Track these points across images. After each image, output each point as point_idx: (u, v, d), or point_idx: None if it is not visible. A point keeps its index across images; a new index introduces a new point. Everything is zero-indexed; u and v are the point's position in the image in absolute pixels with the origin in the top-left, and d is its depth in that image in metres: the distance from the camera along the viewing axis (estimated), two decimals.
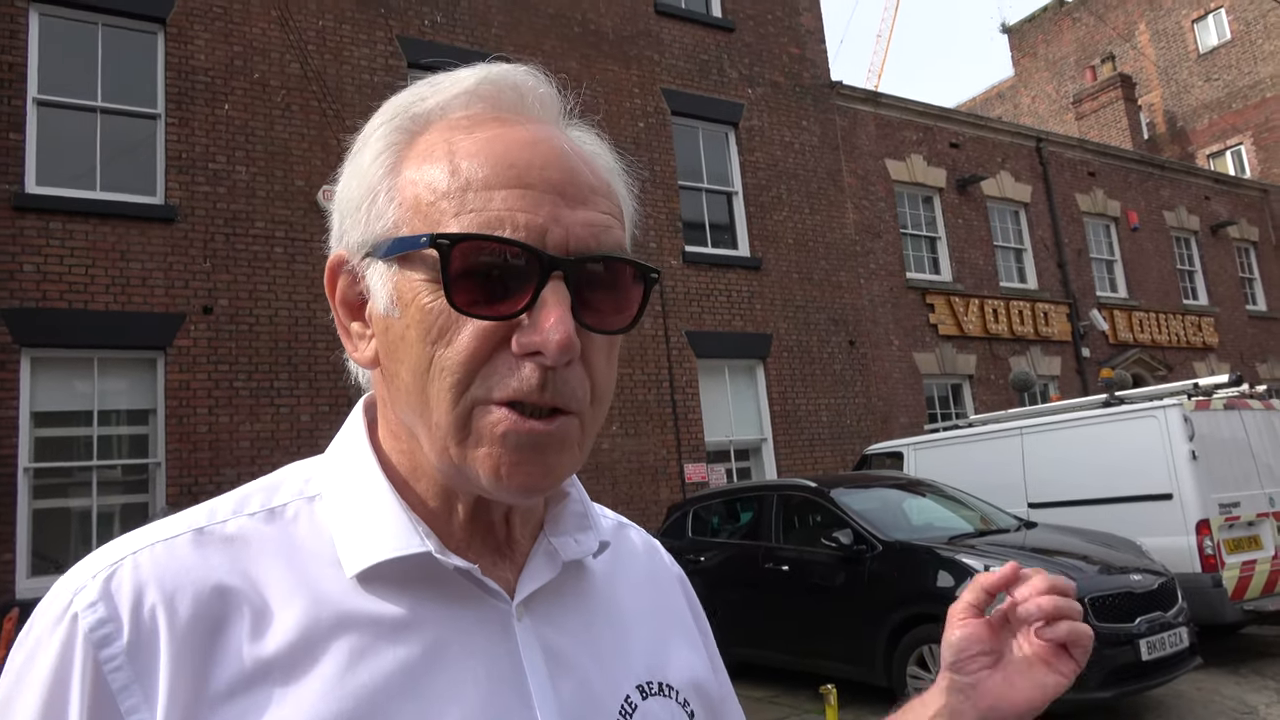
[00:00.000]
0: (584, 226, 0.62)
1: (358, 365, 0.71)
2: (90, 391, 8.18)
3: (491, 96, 0.67)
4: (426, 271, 0.61)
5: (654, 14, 12.14)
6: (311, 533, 0.66)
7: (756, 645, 7.47)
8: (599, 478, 10.31)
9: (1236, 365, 17.84)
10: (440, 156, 0.63)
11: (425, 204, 0.63)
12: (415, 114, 0.67)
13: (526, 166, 0.62)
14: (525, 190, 0.61)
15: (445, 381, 0.60)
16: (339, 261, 0.68)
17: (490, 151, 0.62)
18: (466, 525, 0.68)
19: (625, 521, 0.87)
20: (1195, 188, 19.51)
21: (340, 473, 0.69)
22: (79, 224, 8.21)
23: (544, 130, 0.66)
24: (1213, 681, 6.71)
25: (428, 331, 0.61)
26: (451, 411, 0.60)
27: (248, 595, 0.61)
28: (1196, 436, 7.38)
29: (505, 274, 0.60)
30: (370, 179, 0.66)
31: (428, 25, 10.37)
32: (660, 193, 11.54)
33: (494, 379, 0.60)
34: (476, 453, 0.61)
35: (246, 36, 9.30)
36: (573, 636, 0.70)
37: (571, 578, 0.72)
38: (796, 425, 11.99)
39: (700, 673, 0.79)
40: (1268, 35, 23.93)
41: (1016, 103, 29.55)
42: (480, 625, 0.65)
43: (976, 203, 15.25)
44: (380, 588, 0.63)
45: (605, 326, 0.64)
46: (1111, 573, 6.08)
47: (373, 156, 0.67)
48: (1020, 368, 14.19)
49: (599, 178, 0.67)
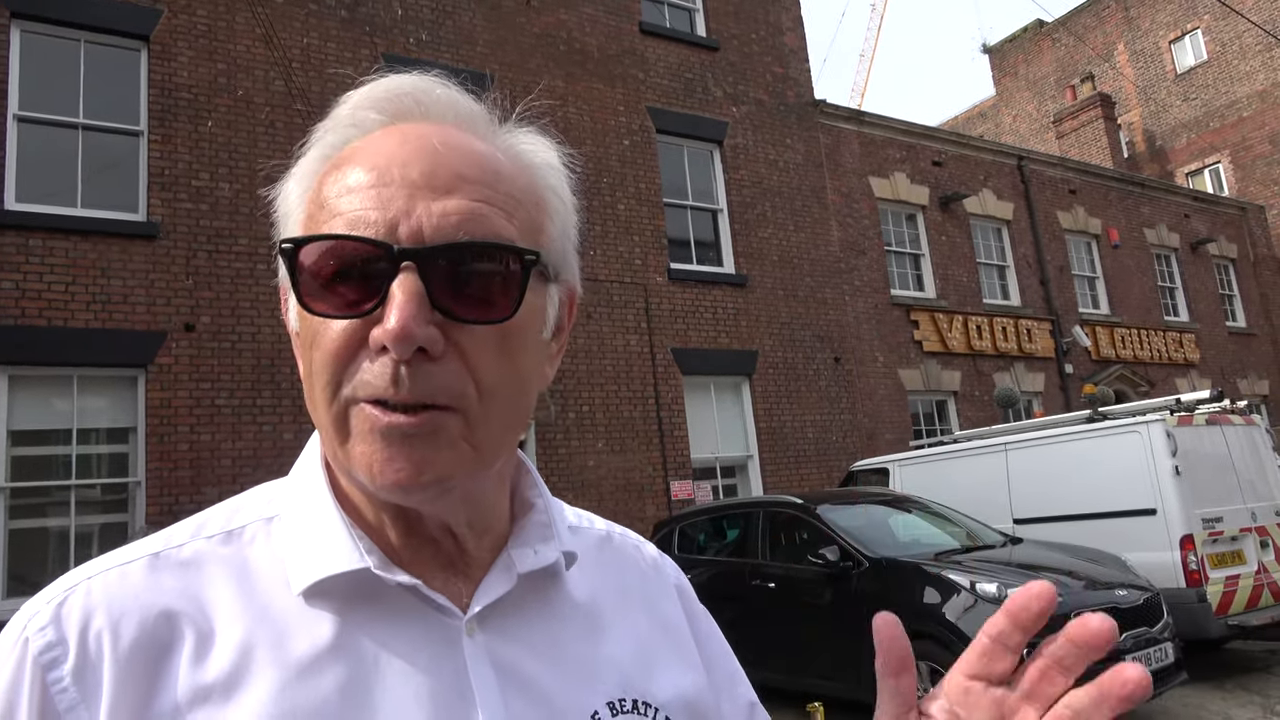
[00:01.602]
0: (442, 216, 0.60)
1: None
2: (69, 410, 8.09)
3: (393, 106, 0.67)
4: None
5: (639, 33, 12.21)
6: (266, 553, 0.66)
7: (743, 663, 7.35)
8: (584, 495, 10.27)
9: (1217, 381, 18.01)
10: (334, 172, 0.64)
11: (309, 217, 0.64)
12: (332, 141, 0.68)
13: (389, 163, 0.61)
14: (382, 188, 0.60)
15: (320, 382, 0.61)
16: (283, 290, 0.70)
17: (365, 156, 0.63)
18: (403, 536, 0.66)
19: (616, 530, 0.84)
20: (1175, 206, 19.75)
21: (297, 492, 0.69)
22: (59, 241, 8.14)
23: (425, 128, 0.65)
24: (1199, 697, 6.72)
25: (309, 337, 0.62)
26: (329, 412, 0.61)
27: (193, 619, 0.61)
28: (1179, 452, 7.42)
29: (358, 273, 0.59)
30: (287, 204, 0.68)
31: (413, 44, 10.39)
32: (645, 210, 11.57)
33: (357, 378, 0.59)
34: (354, 451, 0.60)
35: (230, 54, 9.28)
36: (533, 651, 0.68)
37: (540, 591, 0.70)
38: (782, 442, 11.99)
39: (692, 689, 0.75)
40: (1243, 56, 24.32)
41: (998, 121, 29.87)
42: (426, 642, 0.64)
43: (959, 220, 15.37)
44: (324, 605, 0.63)
45: (474, 316, 0.60)
46: (1097, 588, 6.09)
47: (293, 183, 0.69)
48: (1004, 384, 14.27)
49: (474, 166, 0.63)
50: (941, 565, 6.27)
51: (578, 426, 10.43)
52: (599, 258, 11.03)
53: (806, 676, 6.82)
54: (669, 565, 0.86)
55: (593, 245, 11.02)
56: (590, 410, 10.56)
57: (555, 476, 10.16)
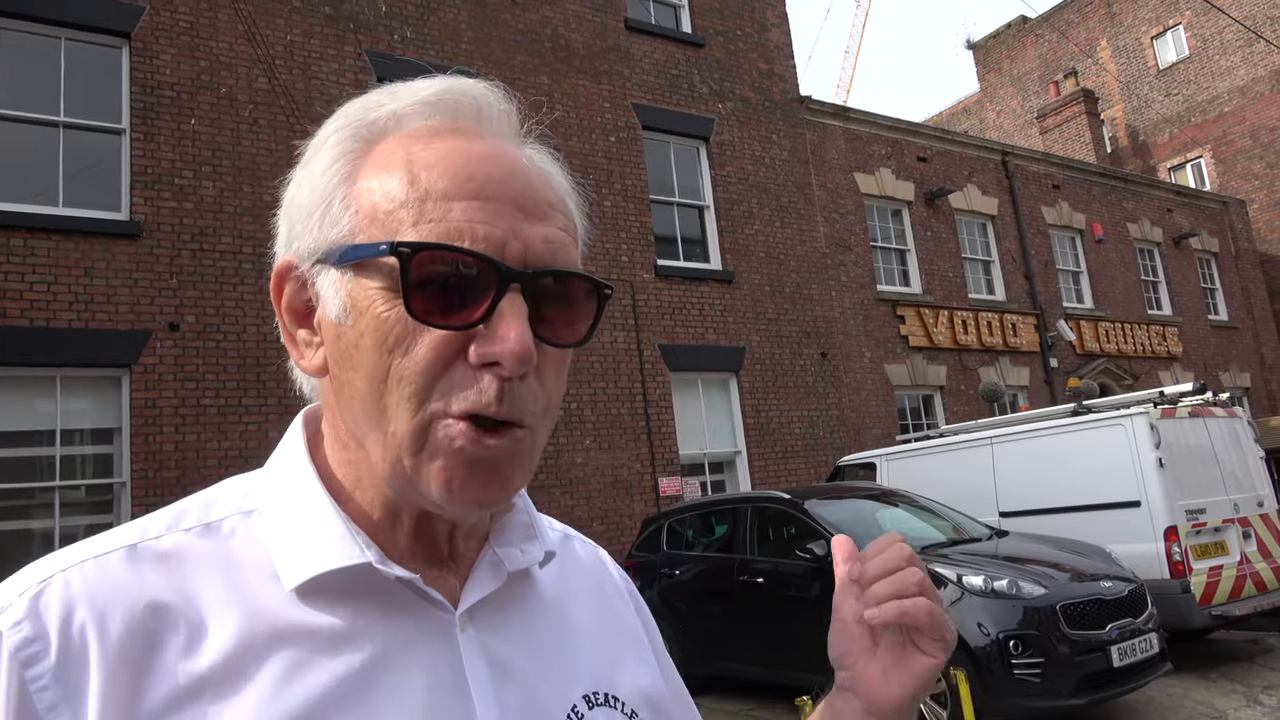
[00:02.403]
0: (542, 242, 0.63)
1: (303, 374, 0.70)
2: (53, 411, 8.02)
3: (450, 109, 0.67)
4: (383, 280, 0.61)
5: (624, 29, 12.19)
6: (249, 547, 0.64)
7: (732, 658, 7.46)
8: (573, 492, 10.27)
9: (1200, 374, 18.16)
10: (398, 166, 0.63)
11: (383, 212, 0.62)
12: (371, 121, 0.66)
13: (486, 179, 0.62)
14: (485, 202, 0.61)
15: (404, 391, 0.60)
16: (287, 267, 0.68)
17: (450, 163, 0.62)
18: (411, 537, 0.67)
19: (572, 533, 0.87)
20: (1157, 200, 19.89)
21: (279, 486, 0.68)
22: (41, 240, 8.07)
23: (502, 145, 0.66)
24: (1183, 687, 6.78)
25: (384, 340, 0.60)
26: (410, 422, 0.60)
27: (183, 611, 0.59)
28: (1163, 444, 7.49)
29: (463, 284, 0.60)
30: (325, 185, 0.65)
31: (397, 40, 10.35)
32: (632, 207, 11.56)
33: (453, 391, 0.60)
34: (431, 466, 0.60)
35: (213, 51, 9.22)
36: (518, 646, 0.69)
37: (517, 588, 0.72)
38: (770, 438, 12.02)
39: (650, 685, 0.78)
40: (1224, 51, 24.50)
41: (982, 117, 29.99)
42: (423, 636, 0.64)
43: (945, 215, 15.43)
44: (319, 600, 0.62)
45: (559, 340, 0.64)
46: (1082, 580, 6.14)
47: (327, 163, 0.66)
48: (989, 378, 14.34)
49: (556, 195, 0.67)
50: (928, 559, 6.30)
51: (565, 424, 10.43)
52: (585, 254, 10.92)
53: (794, 671, 6.84)
54: (621, 571, 0.89)
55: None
56: (578, 407, 10.56)
57: (543, 474, 10.15)
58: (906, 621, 0.71)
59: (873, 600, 0.71)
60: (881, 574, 0.72)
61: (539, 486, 10.08)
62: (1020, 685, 5.57)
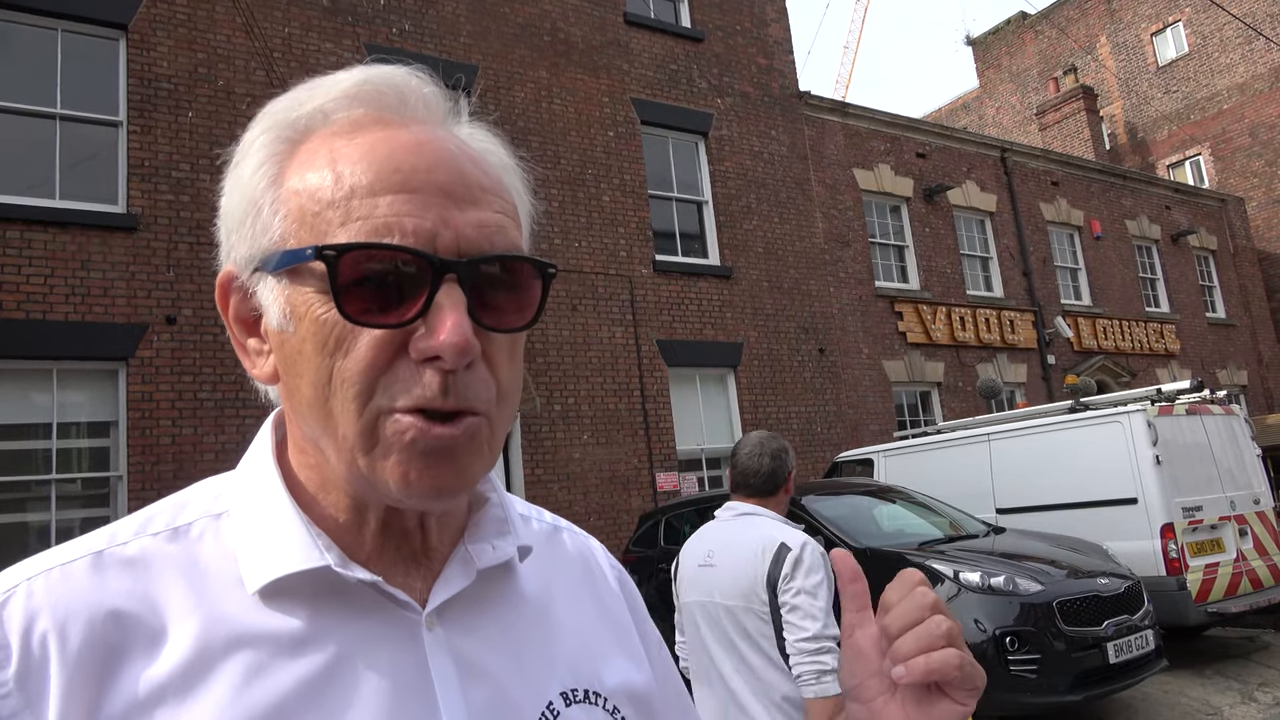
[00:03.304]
0: (475, 228, 0.62)
1: (261, 381, 0.69)
2: (49, 404, 8.01)
3: (372, 99, 0.65)
4: (317, 283, 0.60)
5: (623, 24, 12.16)
6: (216, 551, 0.64)
7: None
8: (570, 487, 10.27)
9: (1197, 371, 18.19)
10: (323, 164, 0.62)
11: (310, 214, 0.61)
12: (294, 120, 0.66)
13: (411, 170, 0.61)
14: (411, 194, 0.60)
15: (348, 393, 0.60)
16: (228, 278, 0.67)
17: (374, 156, 0.62)
18: (379, 535, 0.66)
19: (564, 525, 0.86)
20: (1156, 197, 19.89)
21: (247, 489, 0.68)
22: (37, 233, 8.04)
23: (429, 131, 0.65)
24: (1178, 683, 6.80)
25: (324, 343, 0.60)
26: (357, 422, 0.60)
27: (144, 618, 0.60)
28: (1160, 441, 7.50)
29: (398, 281, 0.59)
30: (252, 191, 0.64)
31: (395, 34, 10.32)
32: (630, 202, 11.55)
33: (396, 387, 0.59)
34: (385, 463, 0.60)
35: (211, 44, 9.19)
36: (490, 644, 0.68)
37: (494, 584, 0.71)
38: None
39: (638, 680, 0.77)
40: (1224, 49, 24.49)
41: (981, 114, 29.98)
42: (387, 637, 0.64)
43: (943, 212, 15.42)
44: (282, 603, 0.62)
45: (505, 325, 0.64)
46: (1079, 577, 6.15)
47: (254, 168, 0.65)
48: (987, 375, 14.35)
49: (490, 176, 0.66)
50: (925, 555, 6.32)
51: (563, 419, 10.42)
52: (584, 249, 11.00)
53: None
54: (615, 565, 0.87)
55: (578, 237, 11.00)
56: (575, 402, 10.56)
57: (541, 469, 10.15)
58: (935, 678, 0.65)
59: (899, 656, 0.66)
60: (905, 627, 0.66)
61: (536, 481, 10.08)
62: (1017, 681, 5.58)
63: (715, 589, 2.62)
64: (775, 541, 2.54)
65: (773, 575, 2.49)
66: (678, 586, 2.83)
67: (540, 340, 10.47)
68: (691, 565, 2.77)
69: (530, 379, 10.28)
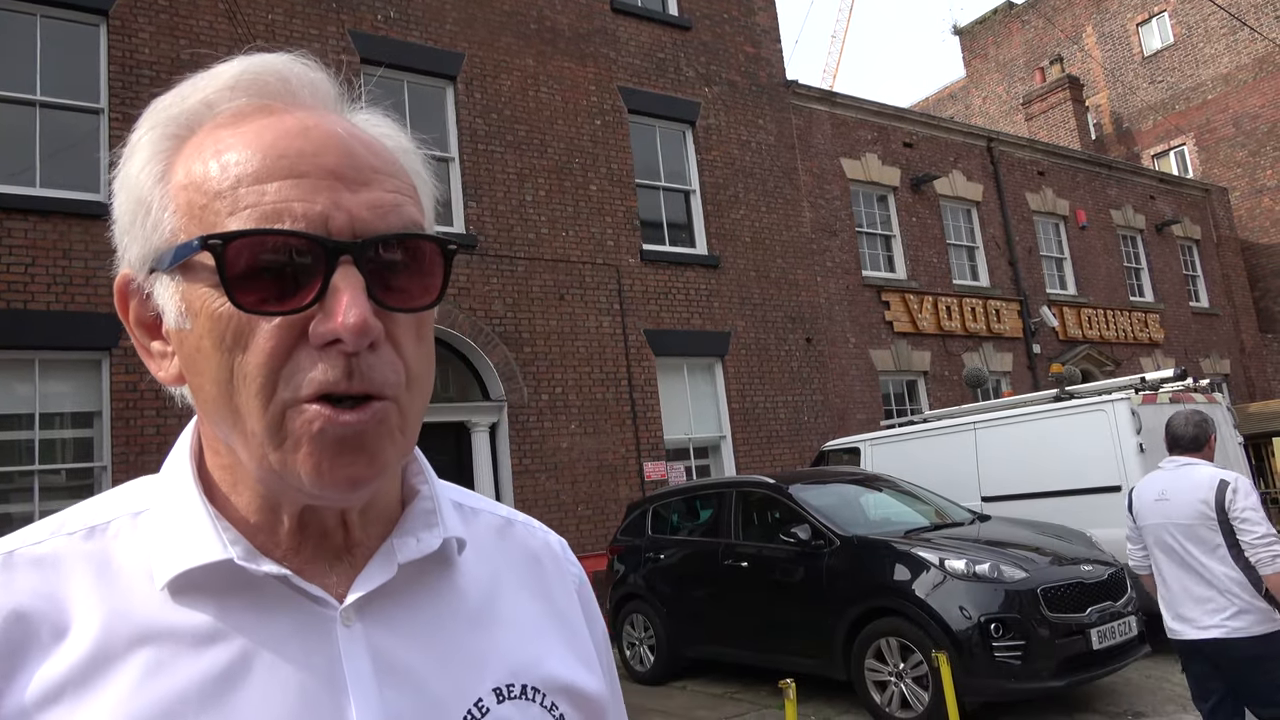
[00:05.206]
0: (368, 208, 0.61)
1: (166, 383, 0.68)
2: (31, 394, 7.94)
3: (255, 87, 0.65)
4: (209, 277, 0.59)
5: (610, 11, 12.11)
6: (131, 548, 0.64)
7: (716, 642, 7.49)
8: (558, 476, 10.27)
9: (1181, 360, 18.33)
10: (209, 155, 0.61)
11: (199, 207, 0.60)
12: (178, 115, 0.65)
13: (298, 154, 0.60)
14: (299, 179, 0.59)
15: (250, 388, 0.58)
16: (125, 281, 0.66)
17: (259, 143, 0.61)
18: (295, 533, 0.65)
19: (518, 518, 0.83)
20: (1141, 187, 20.00)
21: (165, 488, 0.68)
22: (17, 221, 7.96)
23: (315, 116, 0.64)
24: (1161, 669, 6.87)
25: (222, 339, 0.59)
26: (263, 417, 0.59)
27: (48, 616, 0.59)
28: (1144, 430, 7.55)
29: (293, 268, 0.58)
30: (140, 189, 0.64)
31: (381, 20, 10.23)
32: (617, 191, 11.52)
33: (299, 376, 0.58)
34: (296, 456, 0.59)
35: (193, 30, 9.09)
36: (415, 640, 0.67)
37: (425, 578, 0.69)
38: (755, 422, 12.05)
39: (580, 678, 0.75)
40: (1208, 39, 24.60)
41: (968, 103, 30.03)
42: (297, 633, 0.62)
43: (930, 201, 15.46)
44: (189, 599, 0.61)
45: (411, 304, 0.62)
46: (1063, 564, 6.19)
47: (140, 165, 0.64)
48: (973, 364, 14.42)
49: (382, 157, 0.65)
50: (911, 543, 6.35)
51: (550, 408, 10.41)
52: (571, 238, 10.97)
53: (779, 654, 6.89)
54: (573, 562, 0.85)
55: (564, 226, 10.97)
56: (563, 392, 10.55)
57: (528, 458, 10.14)
58: None
59: None
60: None
61: (524, 470, 10.07)
62: (1001, 667, 5.63)
63: (1173, 514, 3.88)
64: (1216, 478, 3.80)
65: (1219, 500, 3.73)
66: (1135, 515, 4.10)
67: (528, 330, 10.44)
68: (1149, 500, 4.01)
69: (517, 368, 10.26)
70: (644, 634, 8.08)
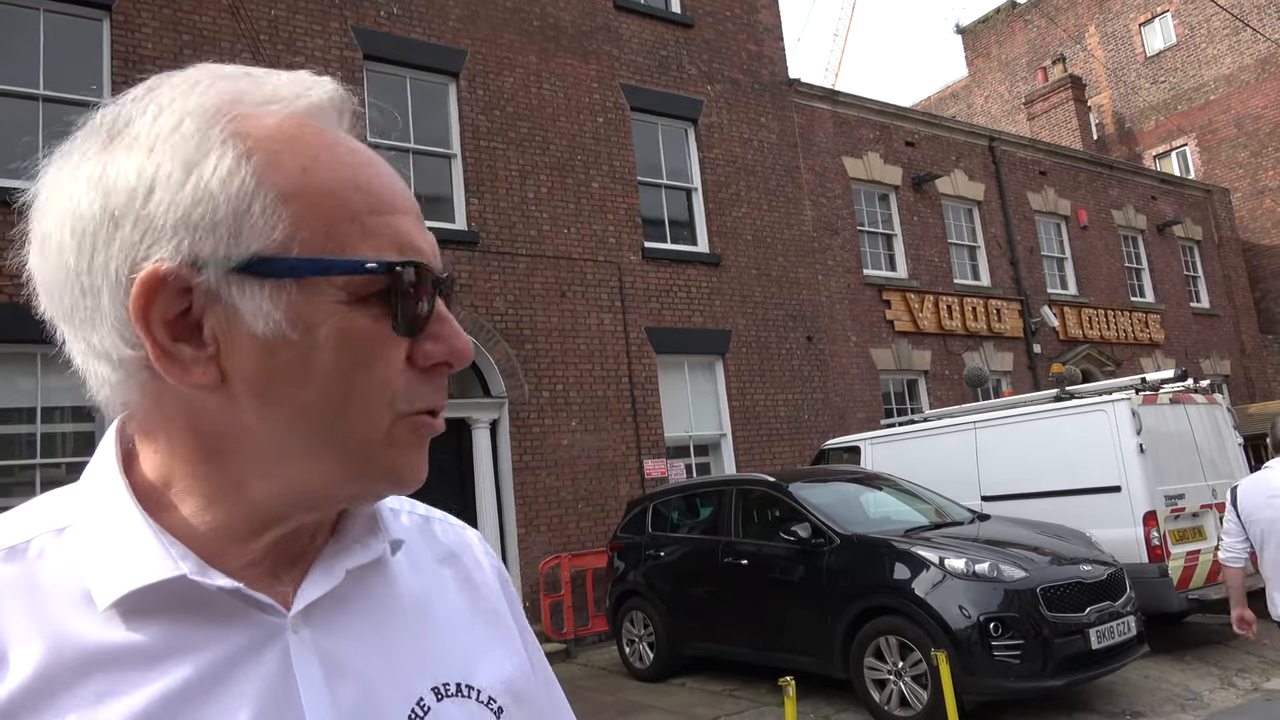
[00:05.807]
0: (433, 246, 0.67)
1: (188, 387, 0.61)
2: (33, 388, 7.95)
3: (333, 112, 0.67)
4: (336, 294, 0.60)
5: (613, 9, 12.10)
6: (59, 568, 0.61)
7: (716, 639, 7.51)
8: (558, 473, 10.28)
9: (1181, 361, 18.33)
10: (325, 173, 0.61)
11: (326, 224, 0.60)
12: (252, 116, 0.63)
13: (398, 190, 0.66)
14: (407, 214, 0.65)
15: (378, 400, 0.62)
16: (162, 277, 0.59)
17: (369, 174, 0.64)
18: (272, 546, 0.65)
19: (436, 516, 0.84)
20: (1142, 187, 19.99)
21: (90, 502, 0.64)
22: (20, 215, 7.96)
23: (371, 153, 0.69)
24: (1159, 669, 6.88)
25: (349, 354, 0.61)
26: (381, 427, 0.63)
27: None
28: (1144, 430, 7.56)
29: (417, 295, 0.63)
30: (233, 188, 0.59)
31: (384, 16, 10.23)
32: (619, 188, 11.52)
33: (411, 391, 0.64)
34: (396, 459, 0.64)
35: (196, 25, 9.09)
36: (360, 643, 0.67)
37: (366, 582, 0.70)
38: (755, 420, 12.06)
39: (516, 673, 0.77)
40: (1211, 40, 24.57)
41: (970, 103, 30.00)
42: (251, 644, 0.62)
43: (931, 201, 15.45)
44: (136, 620, 0.59)
45: None
46: (1062, 564, 6.20)
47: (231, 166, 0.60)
48: (973, 363, 14.42)
49: None
50: (911, 542, 6.36)
51: (551, 405, 10.42)
52: (573, 236, 10.98)
53: (778, 652, 6.90)
54: (493, 556, 0.86)
55: (566, 223, 10.97)
56: (564, 389, 10.55)
57: (529, 455, 10.16)
58: None
59: None
60: None
61: (524, 467, 10.08)
62: (1000, 666, 5.64)
63: None
64: None
65: None
66: (1242, 510, 4.44)
67: (529, 326, 10.45)
68: (1261, 498, 4.37)
69: (519, 364, 10.27)
70: (643, 631, 8.09)
